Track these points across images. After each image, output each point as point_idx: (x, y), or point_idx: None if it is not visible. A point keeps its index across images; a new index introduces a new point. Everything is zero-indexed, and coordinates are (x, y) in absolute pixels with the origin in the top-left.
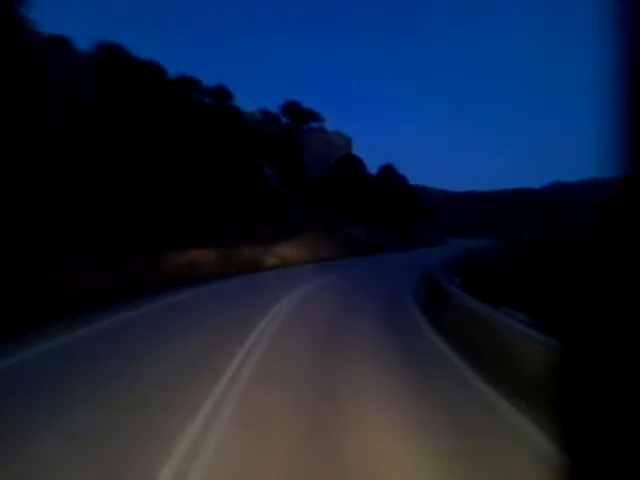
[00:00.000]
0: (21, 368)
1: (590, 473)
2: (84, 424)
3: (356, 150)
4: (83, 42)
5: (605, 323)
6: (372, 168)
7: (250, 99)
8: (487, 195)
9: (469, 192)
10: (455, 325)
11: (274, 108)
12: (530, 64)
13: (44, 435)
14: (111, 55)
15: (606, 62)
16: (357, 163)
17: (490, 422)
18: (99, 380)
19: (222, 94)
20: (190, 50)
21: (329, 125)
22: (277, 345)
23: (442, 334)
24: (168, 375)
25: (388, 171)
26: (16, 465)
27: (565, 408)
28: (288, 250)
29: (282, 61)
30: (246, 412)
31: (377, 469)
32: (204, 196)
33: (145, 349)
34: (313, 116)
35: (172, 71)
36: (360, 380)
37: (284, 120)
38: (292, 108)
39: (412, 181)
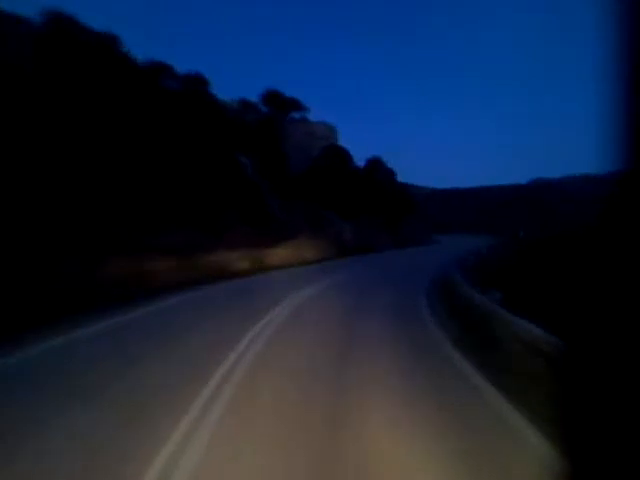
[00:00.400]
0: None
1: (590, 473)
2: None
3: (342, 143)
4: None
5: (606, 320)
6: (359, 161)
7: (235, 91)
8: (470, 192)
9: (452, 189)
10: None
11: (255, 98)
12: (520, 64)
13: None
14: (54, 23)
15: (606, 61)
16: (343, 154)
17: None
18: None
19: (196, 81)
20: (186, 48)
21: (313, 116)
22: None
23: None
24: None
25: (375, 164)
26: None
27: (565, 406)
28: (267, 251)
29: (278, 58)
30: None
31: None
32: (164, 188)
33: None
34: (295, 105)
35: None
36: None
37: (265, 110)
38: (272, 97)
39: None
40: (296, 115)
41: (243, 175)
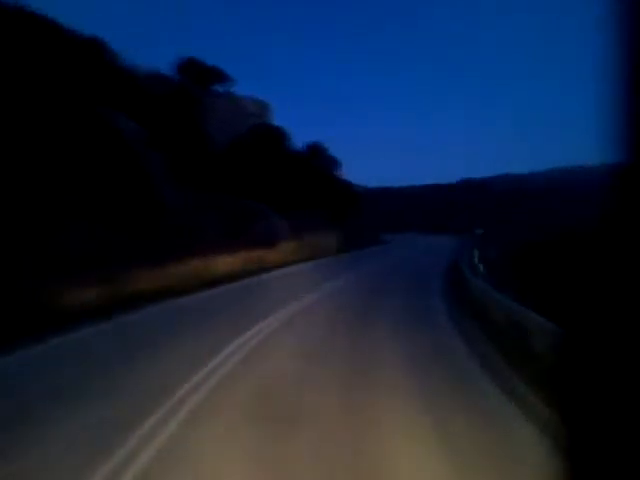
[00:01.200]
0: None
1: (590, 472)
2: None
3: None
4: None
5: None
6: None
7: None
8: (400, 191)
9: (383, 188)
10: None
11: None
12: (476, 59)
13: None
14: None
15: (606, 61)
16: (276, 134)
17: None
18: None
19: (90, 45)
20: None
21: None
22: None
23: None
24: None
25: (316, 150)
26: None
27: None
28: (142, 268)
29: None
30: None
31: None
32: None
33: None
34: (218, 76)
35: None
36: None
37: (185, 82)
38: (189, 66)
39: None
40: (220, 89)
41: (120, 143)
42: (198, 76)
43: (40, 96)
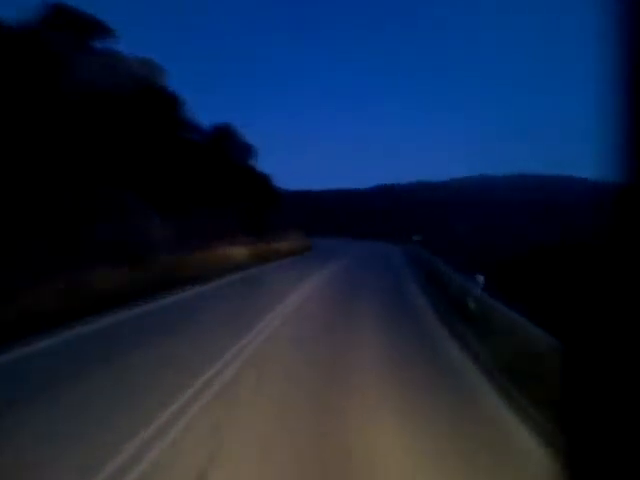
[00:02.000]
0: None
1: (589, 474)
2: None
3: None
4: None
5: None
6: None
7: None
8: (318, 195)
9: (298, 192)
10: None
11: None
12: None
13: None
14: None
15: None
16: (163, 97)
17: None
18: None
19: None
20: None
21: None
22: None
23: None
24: None
25: (226, 133)
26: None
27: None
28: None
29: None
30: None
31: None
32: None
33: None
34: (95, 29)
35: None
36: None
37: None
38: (57, 14)
39: None
40: (100, 45)
41: None
42: (69, 27)
43: None
